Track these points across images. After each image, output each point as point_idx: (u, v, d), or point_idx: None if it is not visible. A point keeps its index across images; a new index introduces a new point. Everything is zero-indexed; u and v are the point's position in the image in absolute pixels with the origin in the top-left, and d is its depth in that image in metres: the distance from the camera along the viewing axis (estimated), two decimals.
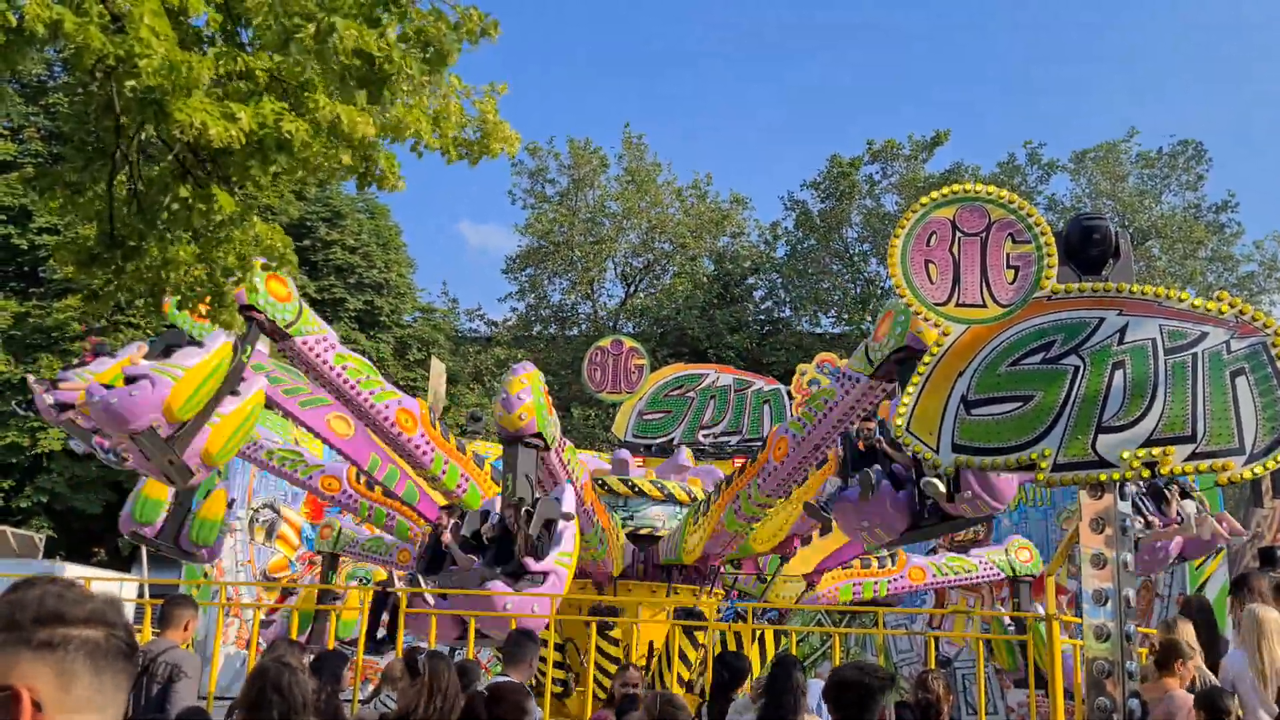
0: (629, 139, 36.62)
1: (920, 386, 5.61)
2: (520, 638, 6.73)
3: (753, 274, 36.70)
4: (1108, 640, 5.61)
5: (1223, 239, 33.07)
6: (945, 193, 5.94)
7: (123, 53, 3.78)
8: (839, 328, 34.97)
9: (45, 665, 1.47)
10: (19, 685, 1.44)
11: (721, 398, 19.49)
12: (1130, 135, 33.49)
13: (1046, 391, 5.30)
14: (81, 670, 1.49)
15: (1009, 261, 5.66)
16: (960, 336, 5.64)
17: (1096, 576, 5.63)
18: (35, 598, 1.51)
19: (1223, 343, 5.18)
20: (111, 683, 1.52)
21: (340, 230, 29.79)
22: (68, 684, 1.47)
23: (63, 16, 3.77)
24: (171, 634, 6.56)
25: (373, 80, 4.13)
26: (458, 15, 4.34)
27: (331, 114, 4.10)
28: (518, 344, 35.34)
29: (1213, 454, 5.08)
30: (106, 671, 1.52)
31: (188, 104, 3.85)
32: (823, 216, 34.96)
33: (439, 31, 4.25)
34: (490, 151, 4.70)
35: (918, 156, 34.15)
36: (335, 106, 4.10)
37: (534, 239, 36.37)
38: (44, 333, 25.11)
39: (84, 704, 1.49)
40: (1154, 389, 5.18)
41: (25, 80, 24.62)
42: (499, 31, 4.43)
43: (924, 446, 5.50)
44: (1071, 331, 5.39)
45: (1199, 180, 33.21)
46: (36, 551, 19.74)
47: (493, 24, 4.43)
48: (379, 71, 4.09)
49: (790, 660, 6.10)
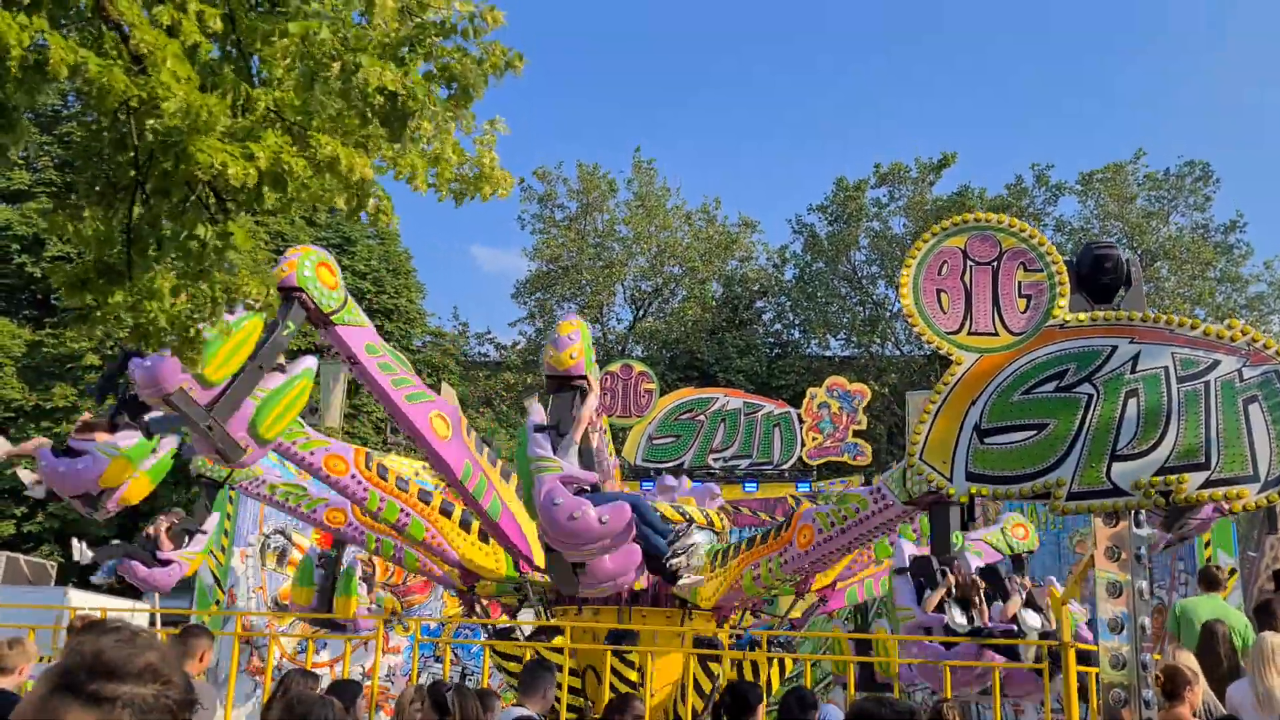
0: (639, 163, 36.80)
1: (933, 415, 5.64)
2: (536, 668, 6.71)
3: (761, 297, 36.75)
4: (1124, 668, 5.59)
5: (1231, 259, 33.01)
6: (956, 221, 5.97)
7: (145, 94, 3.84)
8: (848, 350, 34.97)
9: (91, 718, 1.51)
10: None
11: (731, 421, 19.50)
12: (1137, 156, 33.52)
13: (1060, 420, 5.32)
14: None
15: (1021, 290, 5.68)
16: (973, 365, 5.66)
17: (1112, 604, 5.62)
18: (94, 650, 1.56)
19: (1235, 370, 5.20)
20: None
21: (351, 256, 30.00)
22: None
23: (87, 59, 3.83)
24: (187, 665, 6.59)
25: (395, 118, 4.15)
26: (481, 51, 4.36)
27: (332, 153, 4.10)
28: (528, 368, 35.39)
29: (1227, 481, 5.09)
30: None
31: (208, 144, 3.90)
32: (830, 240, 35.02)
33: (464, 68, 4.27)
34: (481, 194, 4.69)
35: (925, 179, 34.21)
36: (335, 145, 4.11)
37: (543, 263, 36.49)
38: (59, 361, 25.25)
39: None
40: (1167, 417, 5.19)
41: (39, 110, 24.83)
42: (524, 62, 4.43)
43: (938, 475, 5.51)
44: (1084, 360, 5.41)
45: (1207, 201, 33.19)
46: (49, 579, 19.75)
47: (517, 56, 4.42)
48: (401, 108, 4.12)
49: (802, 698, 6.00)
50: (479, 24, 4.17)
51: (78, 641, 1.58)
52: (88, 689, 1.52)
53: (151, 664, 1.57)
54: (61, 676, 1.55)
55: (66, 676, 1.54)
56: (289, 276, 7.86)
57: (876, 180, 34.60)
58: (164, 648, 1.62)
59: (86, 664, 1.54)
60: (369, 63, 3.81)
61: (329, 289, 8.14)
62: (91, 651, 1.56)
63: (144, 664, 1.56)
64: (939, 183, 34.30)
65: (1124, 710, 5.45)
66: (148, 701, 1.55)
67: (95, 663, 1.54)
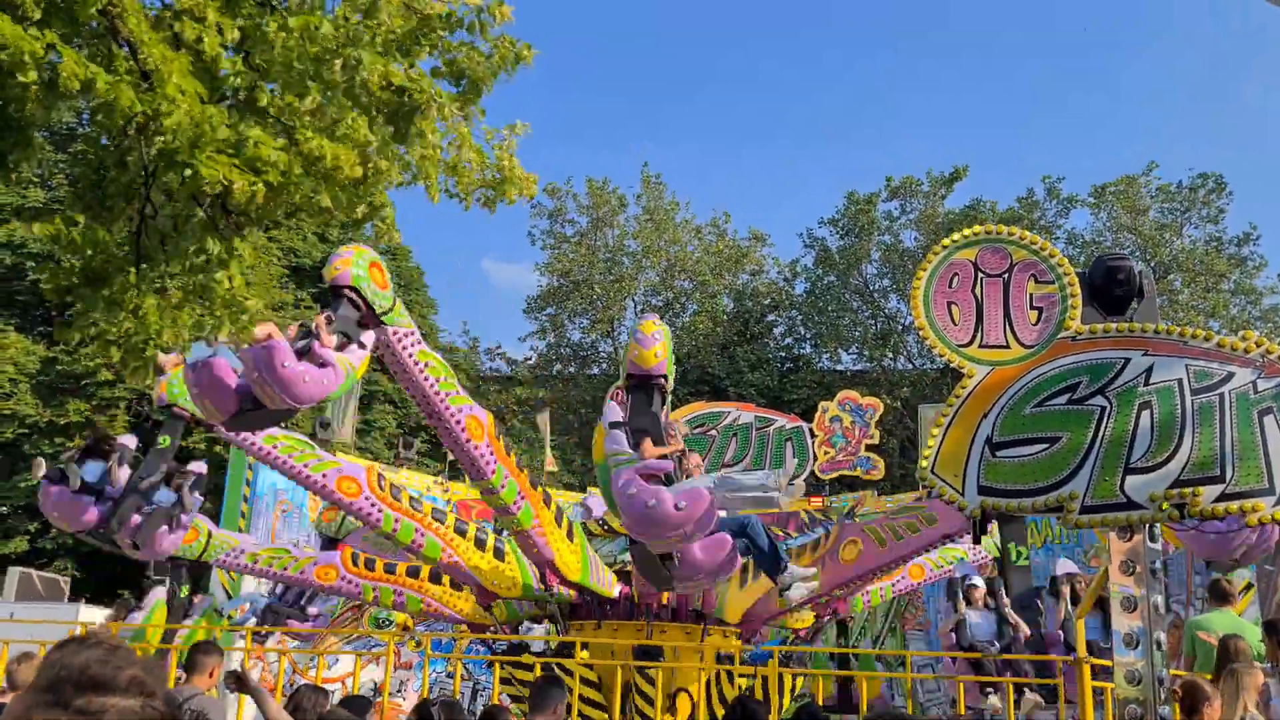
0: (647, 178, 36.88)
1: (945, 428, 5.59)
2: (546, 685, 6.68)
3: (772, 311, 36.71)
4: (1139, 683, 5.53)
5: (1245, 272, 32.83)
6: (967, 234, 5.94)
7: (150, 110, 3.84)
8: (860, 364, 34.87)
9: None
10: None
11: (743, 435, 19.45)
12: (1149, 169, 33.40)
13: (1074, 433, 5.27)
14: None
15: (1032, 302, 5.65)
16: (985, 379, 5.62)
17: (1127, 619, 5.56)
18: (79, 663, 1.57)
19: (1250, 382, 5.15)
20: None
21: None
22: None
23: (96, 75, 3.84)
24: (197, 680, 6.58)
25: (401, 115, 4.12)
26: (490, 45, 4.31)
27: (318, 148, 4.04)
28: (539, 383, 35.38)
29: (1242, 494, 5.03)
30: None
31: (215, 160, 3.89)
32: (841, 253, 34.98)
33: (471, 62, 4.23)
34: (507, 197, 4.67)
35: (936, 192, 34.16)
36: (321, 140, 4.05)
37: (554, 278, 36.54)
38: (73, 378, 25.34)
39: None
40: (1181, 430, 5.14)
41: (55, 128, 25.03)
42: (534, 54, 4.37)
43: (950, 489, 5.47)
44: (1097, 372, 5.37)
45: (1220, 213, 33.04)
46: (62, 595, 19.82)
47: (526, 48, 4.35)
48: (408, 104, 4.08)
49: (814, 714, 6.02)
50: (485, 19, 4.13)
51: (59, 655, 1.59)
52: (75, 703, 1.54)
53: (136, 677, 1.59)
54: (48, 691, 1.56)
55: (53, 691, 1.55)
56: (342, 274, 7.77)
57: (888, 193, 34.57)
58: (147, 661, 1.63)
59: (73, 678, 1.56)
60: (371, 58, 3.79)
61: (380, 289, 8.09)
62: (78, 665, 1.57)
63: (129, 677, 1.58)
64: (950, 196, 34.27)
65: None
66: (134, 713, 1.56)
67: (81, 677, 1.56)
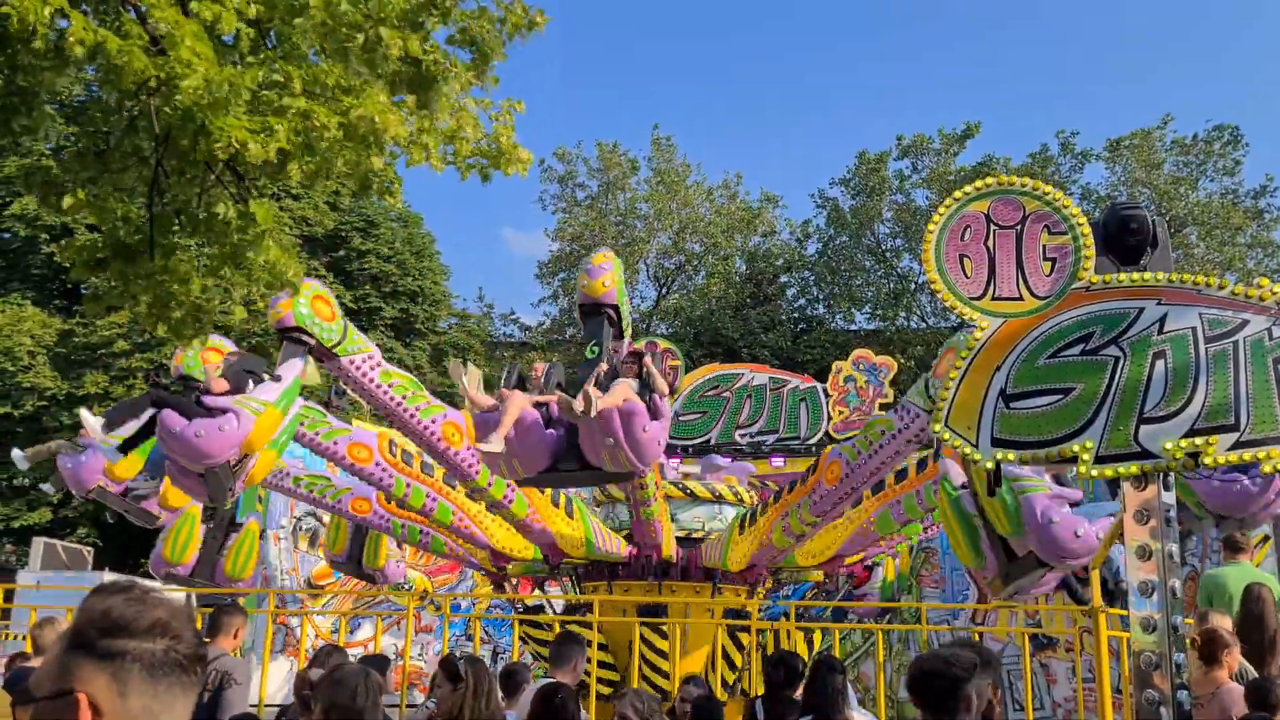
0: (657, 140, 36.67)
1: (958, 381, 5.59)
2: (566, 640, 6.78)
3: (785, 272, 36.61)
4: (1154, 632, 5.56)
5: (1262, 224, 32.55)
6: (979, 186, 5.91)
7: (164, 74, 3.85)
8: (873, 324, 34.80)
9: (103, 674, 1.56)
10: (79, 690, 1.54)
11: (757, 397, 19.49)
12: (1165, 122, 33.01)
13: (1087, 383, 5.27)
14: (137, 680, 1.57)
15: (1045, 253, 5.62)
16: (997, 330, 5.61)
17: (1142, 568, 5.58)
18: (104, 607, 1.60)
19: (1265, 329, 5.12)
20: (168, 694, 1.60)
21: (374, 240, 30.09)
22: (124, 691, 1.56)
23: (105, 39, 3.84)
24: (221, 641, 6.67)
25: (420, 84, 4.14)
26: (501, 10, 4.31)
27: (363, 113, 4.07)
28: (553, 347, 35.45)
29: (1257, 443, 5.02)
30: (163, 682, 1.59)
31: (227, 121, 3.91)
32: (854, 213, 34.80)
33: (483, 29, 4.24)
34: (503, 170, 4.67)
35: (948, 150, 33.89)
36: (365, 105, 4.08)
37: (565, 243, 36.49)
38: (90, 349, 25.51)
39: (141, 711, 1.57)
40: (1195, 378, 5.13)
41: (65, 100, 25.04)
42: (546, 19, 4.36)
43: (963, 440, 5.47)
44: (1111, 322, 5.35)
45: (1236, 165, 32.67)
46: (85, 564, 20.10)
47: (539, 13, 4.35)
48: (427, 74, 4.10)
49: (829, 662, 6.11)
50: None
51: (89, 602, 1.63)
52: (99, 645, 1.57)
53: (160, 620, 1.61)
54: (73, 636, 1.60)
55: (78, 635, 1.59)
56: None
57: (899, 152, 34.31)
58: (173, 604, 1.65)
59: (96, 622, 1.59)
60: (390, 34, 3.81)
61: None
62: (101, 609, 1.60)
63: (152, 620, 1.60)
64: (962, 154, 33.98)
65: (1155, 673, 5.42)
66: (157, 656, 1.59)
67: (104, 620, 1.59)
